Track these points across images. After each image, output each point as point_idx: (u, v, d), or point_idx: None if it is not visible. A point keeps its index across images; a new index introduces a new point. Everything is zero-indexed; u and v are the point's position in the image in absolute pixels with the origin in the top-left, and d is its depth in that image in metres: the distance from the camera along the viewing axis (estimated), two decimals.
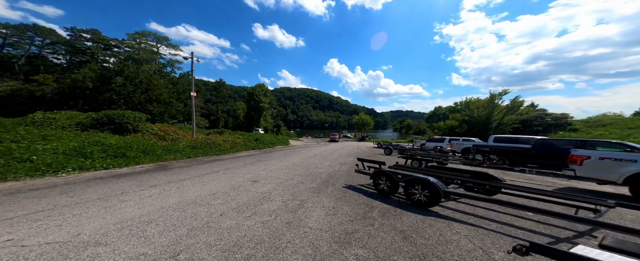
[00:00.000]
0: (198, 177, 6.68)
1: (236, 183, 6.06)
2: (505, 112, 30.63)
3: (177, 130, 15.95)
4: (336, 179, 6.88)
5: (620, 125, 25.98)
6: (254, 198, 4.71)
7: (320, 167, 9.19)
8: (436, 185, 3.90)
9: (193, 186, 5.58)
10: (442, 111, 62.60)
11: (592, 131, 26.84)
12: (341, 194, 5.26)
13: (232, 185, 5.83)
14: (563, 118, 31.38)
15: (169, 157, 10.09)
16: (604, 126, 27.36)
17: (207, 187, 5.56)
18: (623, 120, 27.55)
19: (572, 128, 29.07)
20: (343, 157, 13.41)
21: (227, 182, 6.10)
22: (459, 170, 5.24)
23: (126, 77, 29.06)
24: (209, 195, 4.83)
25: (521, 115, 31.11)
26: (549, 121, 31.60)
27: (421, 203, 4.14)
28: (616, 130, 24.32)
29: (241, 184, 5.93)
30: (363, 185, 6.22)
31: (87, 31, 35.40)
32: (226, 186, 5.69)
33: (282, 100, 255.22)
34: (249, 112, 56.56)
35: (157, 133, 13.10)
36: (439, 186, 3.88)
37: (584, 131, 27.67)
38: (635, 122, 25.11)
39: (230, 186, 5.71)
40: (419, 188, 4.19)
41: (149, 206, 4.05)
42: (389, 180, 4.95)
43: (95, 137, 9.43)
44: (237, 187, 5.60)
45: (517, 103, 31.06)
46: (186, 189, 5.27)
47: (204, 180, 6.30)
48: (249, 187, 5.64)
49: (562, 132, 28.63)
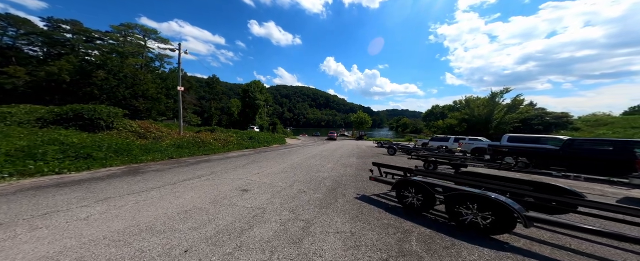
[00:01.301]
0: (172, 184, 5.31)
1: (220, 193, 4.74)
2: (505, 111, 30.05)
3: (160, 128, 14.40)
4: (345, 186, 5.65)
5: (622, 124, 25.70)
6: (242, 218, 3.42)
7: (323, 170, 7.94)
8: (507, 205, 2.69)
9: (160, 199, 4.22)
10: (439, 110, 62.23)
11: (594, 130, 26.51)
12: (356, 209, 4.02)
13: (214, 196, 4.51)
14: (563, 117, 31.04)
15: (147, 158, 8.64)
16: (606, 125, 27.07)
17: (180, 200, 4.21)
18: (625, 120, 27.32)
19: (574, 128, 28.72)
20: (345, 157, 12.20)
21: (209, 192, 4.77)
22: (506, 179, 4.06)
23: (109, 70, 27.03)
24: (177, 214, 3.50)
25: (521, 114, 30.59)
26: (549, 120, 31.19)
27: (479, 228, 2.94)
28: (619, 130, 23.99)
29: (227, 195, 4.62)
30: (379, 194, 5.01)
31: (66, 22, 32.92)
32: (206, 198, 4.36)
33: (278, 97, 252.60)
34: (244, 109, 54.74)
35: (137, 131, 11.56)
36: (512, 207, 2.67)
37: (585, 130, 27.32)
38: (637, 120, 24.82)
39: (211, 198, 4.38)
40: (474, 208, 2.99)
41: (67, 240, 2.63)
42: (422, 193, 3.74)
43: (54, 134, 7.89)
44: (221, 200, 4.28)
45: (517, 102, 30.54)
46: (148, 204, 3.92)
47: (178, 189, 4.95)
48: (236, 200, 4.34)
49: (563, 131, 28.22)
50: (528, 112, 31.89)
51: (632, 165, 6.71)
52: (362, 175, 7.25)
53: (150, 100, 31.80)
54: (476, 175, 4.56)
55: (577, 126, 29.16)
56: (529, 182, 3.86)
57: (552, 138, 10.76)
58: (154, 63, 46.16)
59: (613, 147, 7.47)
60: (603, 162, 7.21)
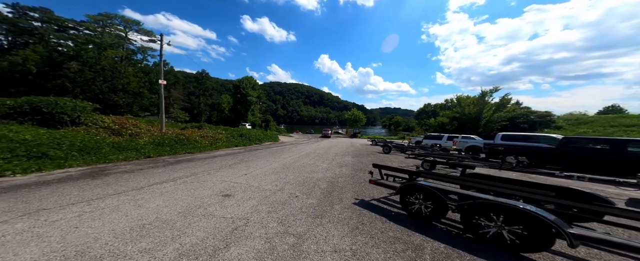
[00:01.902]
0: (138, 189, 4.51)
1: (196, 199, 4.03)
2: (494, 110, 30.70)
3: (139, 124, 13.21)
4: (341, 190, 5.09)
5: (601, 123, 26.88)
6: (217, 234, 2.77)
7: (317, 170, 7.35)
8: (545, 219, 2.20)
9: (113, 210, 3.43)
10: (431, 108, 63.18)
11: (575, 128, 27.58)
12: (356, 218, 3.47)
13: (187, 204, 3.79)
14: (547, 116, 32.13)
15: (118, 157, 7.68)
16: (586, 124, 28.24)
17: (140, 210, 3.45)
18: (604, 119, 28.63)
19: (556, 126, 29.78)
20: (340, 156, 11.67)
21: (182, 199, 4.05)
22: (521, 183, 3.63)
23: (84, 62, 24.92)
24: (130, 231, 2.77)
25: (509, 113, 31.37)
26: (534, 118, 32.21)
27: (504, 243, 2.46)
28: (599, 128, 25.03)
29: (204, 202, 3.92)
30: (379, 199, 4.49)
31: (34, 9, 30.04)
32: (176, 207, 3.64)
33: (271, 94, 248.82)
34: (235, 105, 53.05)
35: (110, 127, 10.41)
36: (552, 222, 2.18)
37: (567, 128, 28.38)
38: (616, 120, 26.03)
39: (183, 206, 3.67)
40: (499, 220, 2.50)
41: None
42: (432, 200, 3.24)
43: (3, 130, 6.78)
44: (195, 209, 3.58)
45: (505, 101, 31.29)
46: (94, 217, 3.13)
47: (144, 195, 4.17)
48: (214, 208, 3.66)
49: (547, 129, 29.20)
50: (515, 110, 32.77)
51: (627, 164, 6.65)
52: (359, 175, 6.74)
53: (132, 94, 29.86)
54: (485, 177, 4.12)
55: (560, 125, 30.28)
56: (549, 186, 3.43)
57: (545, 136, 10.73)
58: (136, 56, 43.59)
59: (609, 145, 7.39)
60: (599, 160, 7.12)
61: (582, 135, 23.66)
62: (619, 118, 27.30)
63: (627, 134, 20.82)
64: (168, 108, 45.73)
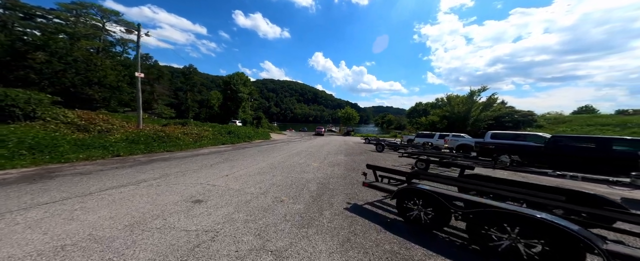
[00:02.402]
0: (84, 195, 3.76)
1: (156, 208, 3.39)
2: (482, 109, 31.49)
3: (111, 119, 12.08)
4: (332, 192, 4.62)
5: (579, 122, 28.26)
6: (170, 255, 2.18)
7: (307, 170, 6.83)
8: (575, 233, 1.80)
9: (30, 226, 2.67)
10: (422, 107, 64.19)
11: (555, 127, 28.84)
12: (347, 228, 3.01)
13: (141, 215, 3.13)
14: (529, 115, 33.44)
15: (78, 156, 6.77)
16: (564, 123, 29.63)
17: (71, 225, 2.73)
18: (581, 118, 30.12)
19: (538, 125, 31.04)
20: (333, 155, 11.21)
21: (139, 207, 3.39)
22: (525, 185, 3.30)
23: (53, 52, 22.81)
24: (38, 255, 2.12)
25: (495, 112, 32.31)
26: (518, 118, 33.43)
27: (520, 257, 2.07)
28: (577, 127, 26.29)
29: (165, 210, 3.29)
30: (372, 202, 4.07)
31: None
32: (125, 219, 2.97)
33: (264, 92, 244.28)
34: (225, 102, 51.25)
35: (74, 122, 9.31)
36: (583, 237, 1.80)
37: (548, 127, 29.63)
38: (593, 119, 27.42)
39: (135, 218, 3.01)
40: (514, 232, 2.11)
41: None
42: (433, 207, 2.83)
43: None
44: (150, 220, 2.95)
45: (492, 100, 32.16)
46: (5, 234, 2.45)
47: (89, 203, 3.43)
48: (176, 218, 3.05)
49: (529, 128, 30.35)
50: (500, 110, 33.83)
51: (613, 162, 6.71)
52: (352, 176, 6.30)
53: (109, 88, 27.88)
54: (485, 178, 3.79)
55: (541, 123, 31.59)
56: (555, 188, 3.12)
57: (533, 135, 10.82)
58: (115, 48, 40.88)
59: (595, 144, 7.46)
60: (586, 159, 7.18)
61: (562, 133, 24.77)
62: (595, 117, 28.85)
63: (603, 132, 21.95)
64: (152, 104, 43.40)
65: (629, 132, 20.49)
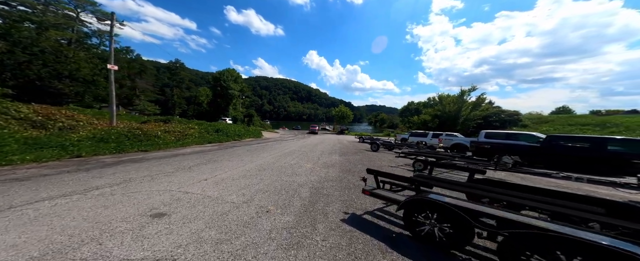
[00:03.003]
0: (4, 210, 2.93)
1: (95, 226, 2.61)
2: (471, 108, 32.07)
3: (78, 115, 10.80)
4: (327, 199, 4.00)
5: (560, 121, 29.43)
6: None
7: (299, 173, 6.17)
8: None
9: None
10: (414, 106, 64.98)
11: (539, 127, 29.86)
12: (346, 247, 2.41)
13: (67, 237, 2.34)
14: (515, 115, 34.53)
15: (25, 158, 5.73)
16: (547, 122, 30.78)
17: None
18: (562, 118, 31.42)
19: (523, 124, 32.05)
20: (327, 155, 10.60)
21: (70, 226, 2.59)
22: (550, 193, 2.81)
23: (16, 42, 20.58)
24: None
25: (484, 111, 33.05)
26: (505, 117, 34.41)
27: None
28: (559, 127, 27.31)
29: (107, 230, 2.52)
30: (373, 212, 3.50)
31: None
32: (39, 245, 2.17)
33: (257, 89, 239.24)
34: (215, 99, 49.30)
35: (29, 118, 8.09)
36: None
37: (532, 127, 30.63)
38: (573, 119, 28.62)
39: (55, 243, 2.22)
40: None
41: None
42: (451, 222, 2.28)
43: None
44: (77, 247, 2.17)
45: (481, 100, 32.86)
46: None
47: (3, 222, 2.63)
48: (119, 241, 2.30)
49: (515, 127, 31.28)
50: (488, 110, 34.67)
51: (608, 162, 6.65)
52: (348, 178, 5.72)
53: (83, 82, 25.70)
54: (498, 184, 3.32)
55: (525, 123, 32.66)
56: (586, 198, 2.62)
57: (525, 134, 10.73)
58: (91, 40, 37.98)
59: (590, 144, 7.39)
60: (581, 159, 7.10)
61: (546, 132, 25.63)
62: (573, 118, 30.18)
63: (584, 132, 22.86)
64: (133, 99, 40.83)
65: (608, 131, 21.44)
